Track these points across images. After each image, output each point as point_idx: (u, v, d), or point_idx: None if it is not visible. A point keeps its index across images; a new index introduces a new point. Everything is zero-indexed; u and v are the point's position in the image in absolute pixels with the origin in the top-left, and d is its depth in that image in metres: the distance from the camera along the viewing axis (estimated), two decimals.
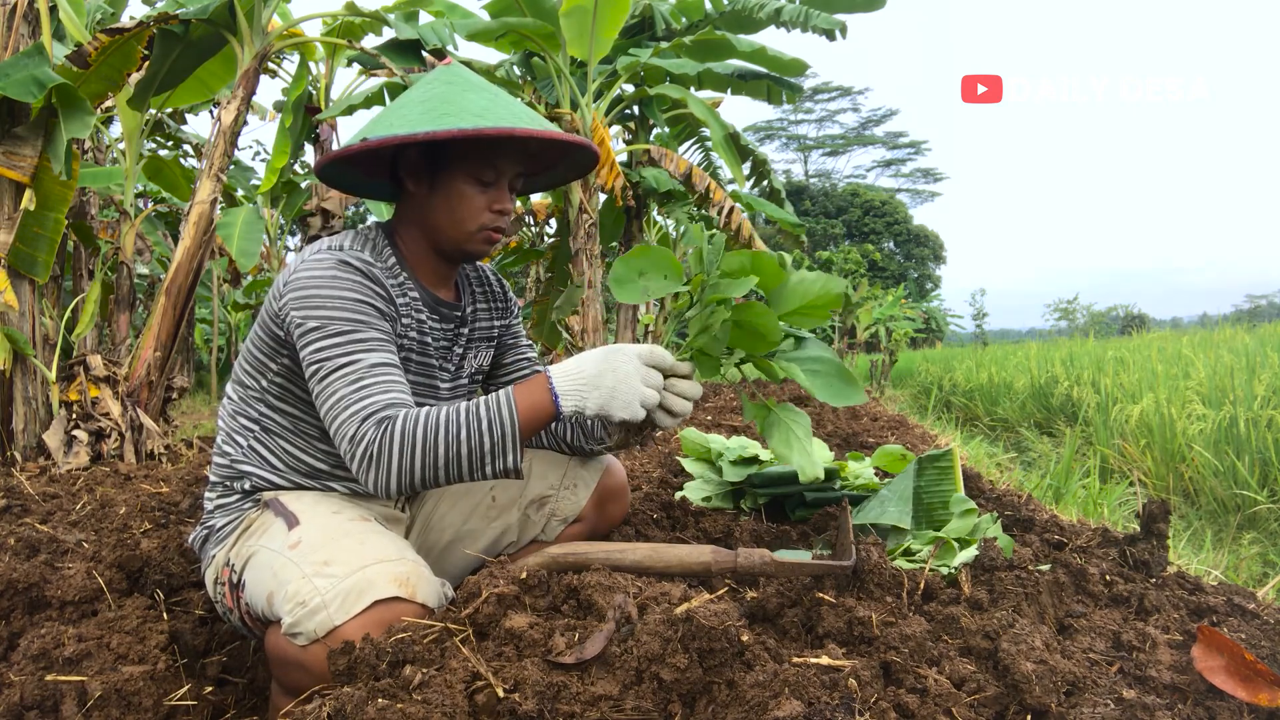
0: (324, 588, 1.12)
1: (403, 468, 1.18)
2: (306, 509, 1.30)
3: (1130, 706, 0.93)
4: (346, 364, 1.22)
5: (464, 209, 1.36)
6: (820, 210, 42.04)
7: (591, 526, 1.63)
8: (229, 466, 1.40)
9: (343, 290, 1.26)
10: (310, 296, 1.25)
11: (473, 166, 1.34)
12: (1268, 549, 3.13)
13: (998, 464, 4.38)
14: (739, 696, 0.91)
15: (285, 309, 1.28)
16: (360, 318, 1.26)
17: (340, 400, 1.21)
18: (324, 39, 5.08)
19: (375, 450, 1.18)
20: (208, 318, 13.80)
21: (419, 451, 1.18)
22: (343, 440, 1.20)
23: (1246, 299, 42.25)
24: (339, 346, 1.23)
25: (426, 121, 1.26)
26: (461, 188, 1.35)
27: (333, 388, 1.22)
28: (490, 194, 1.37)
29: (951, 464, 1.69)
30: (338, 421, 1.21)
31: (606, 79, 6.25)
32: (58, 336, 3.52)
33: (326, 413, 1.22)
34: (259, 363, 1.38)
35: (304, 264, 1.29)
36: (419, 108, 1.30)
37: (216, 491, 1.41)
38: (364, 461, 1.19)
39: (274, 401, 1.38)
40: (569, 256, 6.07)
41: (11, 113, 3.13)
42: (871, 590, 1.22)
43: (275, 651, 1.17)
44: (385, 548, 1.20)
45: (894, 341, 11.78)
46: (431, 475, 1.20)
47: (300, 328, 1.25)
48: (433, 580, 1.20)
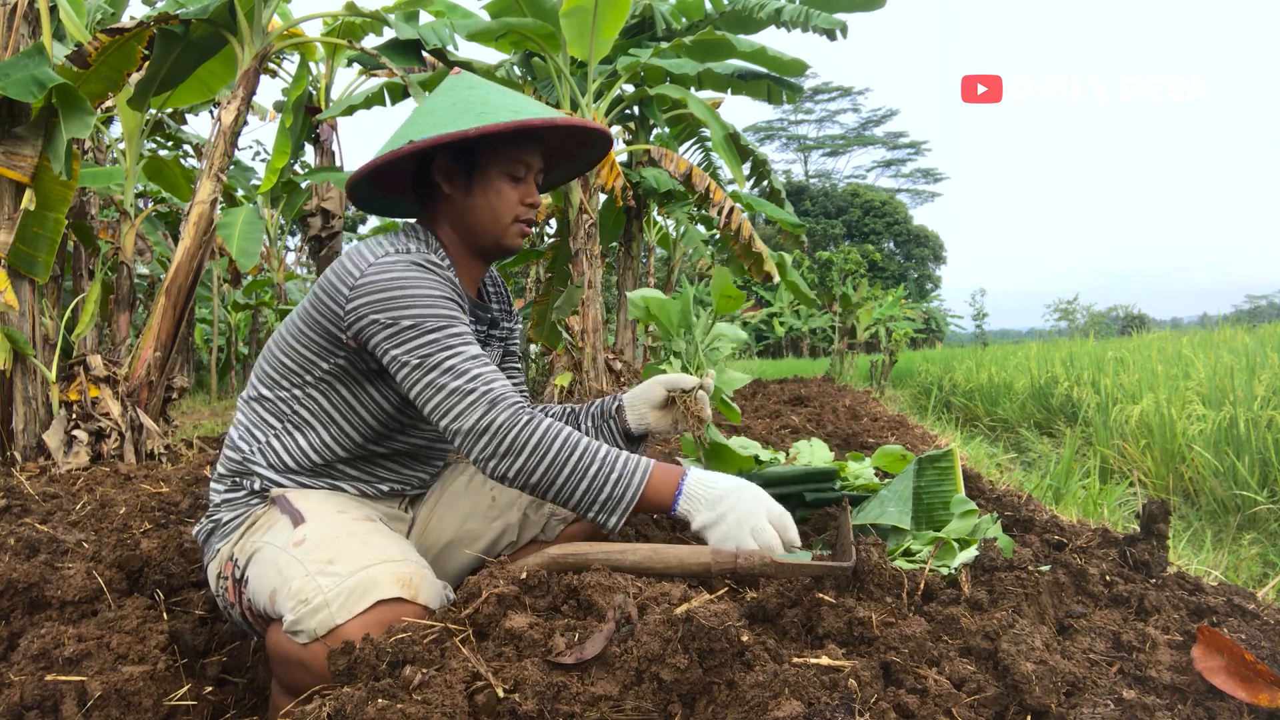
0: (327, 586, 1.12)
1: (526, 467, 1.23)
2: (313, 507, 1.31)
3: (1130, 707, 0.93)
4: (450, 357, 1.25)
5: (501, 205, 1.41)
6: (820, 210, 42.05)
7: (591, 526, 1.63)
8: (240, 462, 1.40)
9: (428, 289, 1.29)
10: (396, 298, 1.27)
11: (505, 163, 1.40)
12: (1268, 549, 3.13)
13: (998, 464, 4.38)
14: (739, 697, 0.91)
15: (359, 311, 1.29)
16: (450, 313, 1.30)
17: (454, 391, 1.24)
18: (324, 39, 5.08)
19: (510, 441, 1.22)
20: (208, 318, 13.81)
21: (547, 462, 1.22)
22: (464, 424, 1.23)
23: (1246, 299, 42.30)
24: (438, 342, 1.26)
25: (468, 120, 1.31)
26: (498, 184, 1.41)
27: (440, 381, 1.24)
28: (521, 188, 1.43)
29: (952, 464, 1.69)
30: (455, 410, 1.23)
31: (607, 79, 6.25)
32: (58, 336, 3.52)
33: (437, 406, 1.24)
34: (304, 360, 1.38)
35: (375, 267, 1.30)
36: (453, 110, 1.34)
37: (225, 485, 1.41)
38: (493, 447, 1.22)
39: (315, 396, 1.39)
40: (569, 257, 6.07)
41: (11, 113, 3.13)
42: (871, 591, 1.21)
43: (276, 649, 1.17)
44: (389, 548, 1.20)
45: (894, 342, 11.79)
46: (544, 486, 1.24)
47: (389, 328, 1.27)
48: (435, 582, 1.20)
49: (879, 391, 8.87)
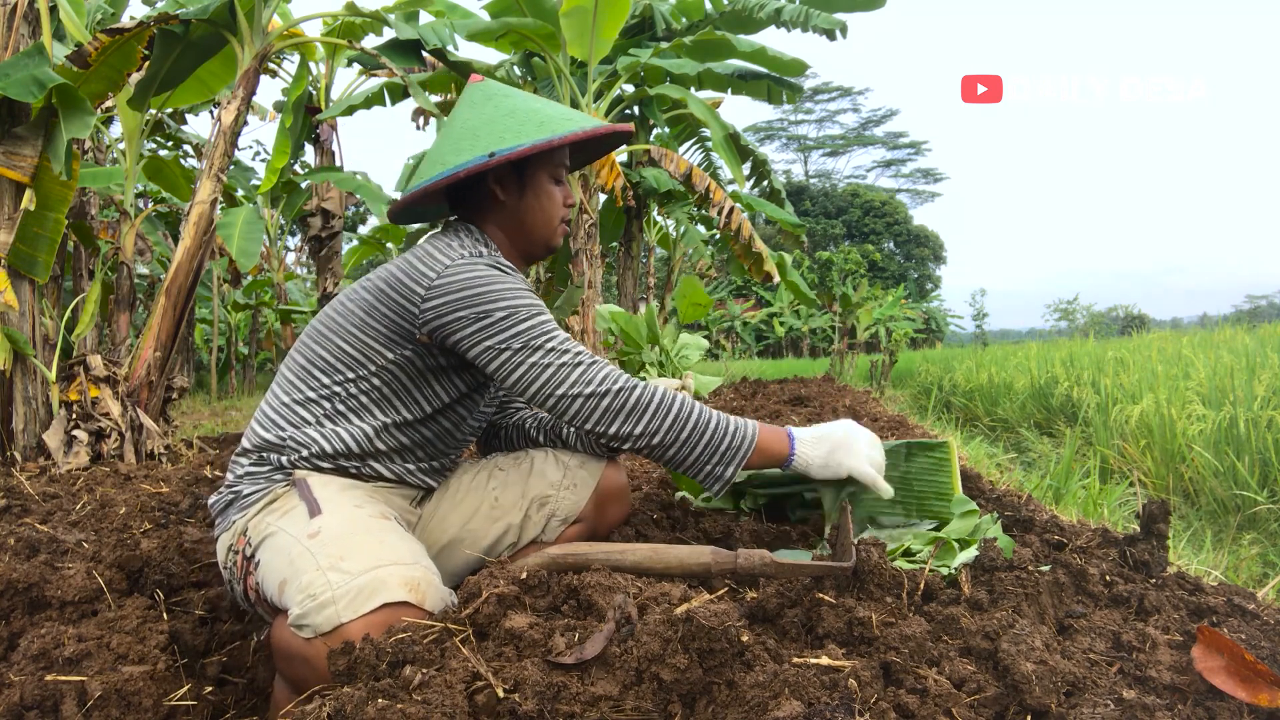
0: (336, 582, 1.12)
1: (651, 426, 1.35)
2: (331, 497, 1.31)
3: (1130, 707, 0.93)
4: (549, 339, 1.36)
5: (551, 206, 1.53)
6: (820, 210, 42.07)
7: (591, 527, 1.63)
8: (271, 440, 1.40)
9: (513, 284, 1.39)
10: (484, 293, 1.36)
11: (551, 167, 1.52)
12: (1268, 549, 3.13)
13: (998, 464, 4.38)
14: (739, 697, 0.91)
15: (440, 310, 1.36)
16: (538, 304, 1.41)
17: (564, 365, 1.35)
18: (324, 39, 5.08)
19: (634, 401, 1.35)
20: (208, 318, 13.81)
21: (670, 419, 1.36)
22: (584, 390, 1.34)
23: (1246, 299, 42.34)
24: (536, 327, 1.36)
25: (531, 130, 1.42)
26: (548, 187, 1.52)
27: (547, 360, 1.35)
28: (562, 189, 1.55)
29: (947, 456, 1.68)
30: (571, 379, 1.35)
31: (607, 79, 6.25)
32: (58, 336, 3.52)
33: (548, 380, 1.35)
34: (368, 349, 1.42)
35: (453, 268, 1.38)
36: (511, 120, 1.43)
37: (250, 459, 1.40)
38: (617, 406, 1.35)
39: (374, 383, 1.42)
40: (569, 256, 6.07)
41: (12, 113, 3.13)
42: (871, 590, 1.22)
43: (281, 644, 1.17)
44: (400, 550, 1.20)
45: (894, 342, 11.79)
46: (670, 444, 1.37)
47: (479, 322, 1.35)
48: (442, 589, 1.20)
49: (879, 391, 8.87)
